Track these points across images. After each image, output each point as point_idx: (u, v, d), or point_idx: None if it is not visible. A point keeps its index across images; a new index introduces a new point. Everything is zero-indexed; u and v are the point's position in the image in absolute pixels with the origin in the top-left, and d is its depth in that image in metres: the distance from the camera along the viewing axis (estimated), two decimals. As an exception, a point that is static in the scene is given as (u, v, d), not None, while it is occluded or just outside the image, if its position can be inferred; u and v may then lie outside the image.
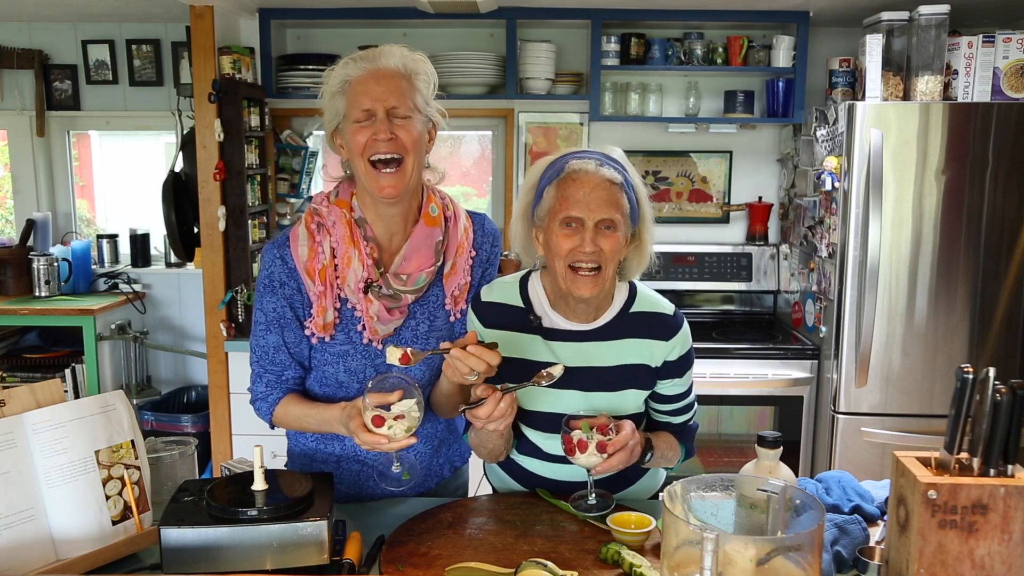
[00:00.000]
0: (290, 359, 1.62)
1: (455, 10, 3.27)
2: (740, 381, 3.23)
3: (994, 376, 1.19)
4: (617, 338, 1.59)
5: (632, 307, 1.62)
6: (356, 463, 1.73)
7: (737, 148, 3.78)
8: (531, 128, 3.73)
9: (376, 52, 1.49)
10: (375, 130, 1.46)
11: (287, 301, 1.58)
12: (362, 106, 1.46)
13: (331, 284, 1.54)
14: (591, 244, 1.47)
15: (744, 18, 3.45)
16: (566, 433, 1.51)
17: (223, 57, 3.23)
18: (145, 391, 3.88)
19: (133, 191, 4.20)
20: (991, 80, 3.05)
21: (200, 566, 1.37)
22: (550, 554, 1.46)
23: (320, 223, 1.56)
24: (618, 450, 1.48)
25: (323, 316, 1.55)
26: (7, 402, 1.43)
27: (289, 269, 1.56)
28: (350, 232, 1.53)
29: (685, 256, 3.69)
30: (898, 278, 3.04)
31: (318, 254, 1.54)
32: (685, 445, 1.72)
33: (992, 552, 1.17)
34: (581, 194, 1.47)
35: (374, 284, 1.53)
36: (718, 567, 1.05)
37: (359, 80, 1.47)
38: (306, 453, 1.76)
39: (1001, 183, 2.99)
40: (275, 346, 1.60)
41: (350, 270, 1.53)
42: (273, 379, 1.63)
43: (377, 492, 1.69)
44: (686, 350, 1.64)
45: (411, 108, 1.49)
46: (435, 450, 1.77)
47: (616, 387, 1.61)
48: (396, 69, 1.49)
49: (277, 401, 1.64)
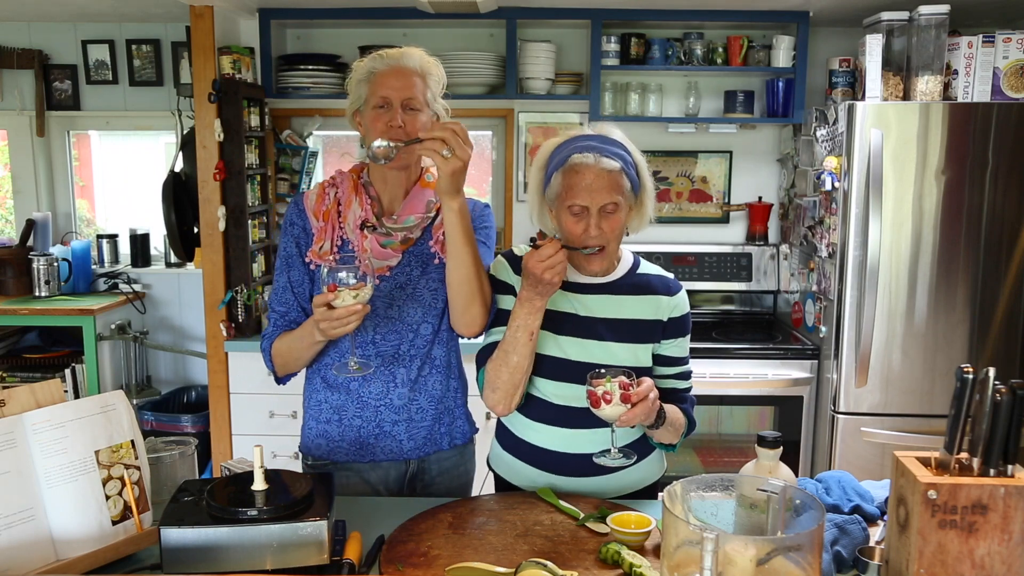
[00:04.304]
0: (294, 299, 1.80)
1: (455, 10, 3.27)
2: (740, 381, 3.23)
3: (994, 376, 1.19)
4: (629, 294, 1.78)
5: (639, 270, 1.83)
6: (358, 417, 1.81)
7: (737, 148, 3.78)
8: (531, 128, 3.74)
9: (400, 52, 1.75)
10: (390, 116, 1.71)
11: (294, 240, 1.80)
12: (381, 94, 1.71)
13: (333, 222, 1.78)
14: (596, 228, 1.66)
15: (744, 18, 3.45)
16: (590, 387, 1.59)
17: (223, 57, 3.23)
18: (145, 391, 3.88)
19: (133, 191, 4.20)
20: (991, 80, 3.05)
21: (200, 566, 1.37)
22: (550, 554, 1.46)
23: (332, 182, 1.83)
24: (641, 400, 1.57)
25: (320, 245, 1.77)
26: (7, 402, 1.43)
27: (300, 211, 1.81)
28: (354, 186, 1.81)
29: (685, 256, 3.69)
30: (898, 278, 3.04)
31: (324, 200, 1.80)
32: (688, 416, 1.82)
33: (992, 552, 1.17)
34: (584, 184, 1.65)
35: (368, 224, 1.77)
36: (718, 567, 1.05)
37: (382, 73, 1.72)
38: (311, 413, 1.86)
39: (1001, 183, 2.99)
40: (283, 286, 1.81)
41: (350, 211, 1.78)
42: (278, 318, 1.81)
43: (380, 453, 1.82)
44: (686, 311, 1.82)
45: (421, 103, 1.73)
46: (437, 416, 1.85)
47: (629, 339, 1.76)
48: (414, 68, 1.74)
49: (275, 337, 1.80)
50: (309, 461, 1.86)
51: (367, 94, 1.74)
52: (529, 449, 1.81)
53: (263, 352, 1.82)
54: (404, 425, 1.81)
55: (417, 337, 1.79)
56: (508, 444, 1.86)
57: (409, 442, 1.82)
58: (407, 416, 1.80)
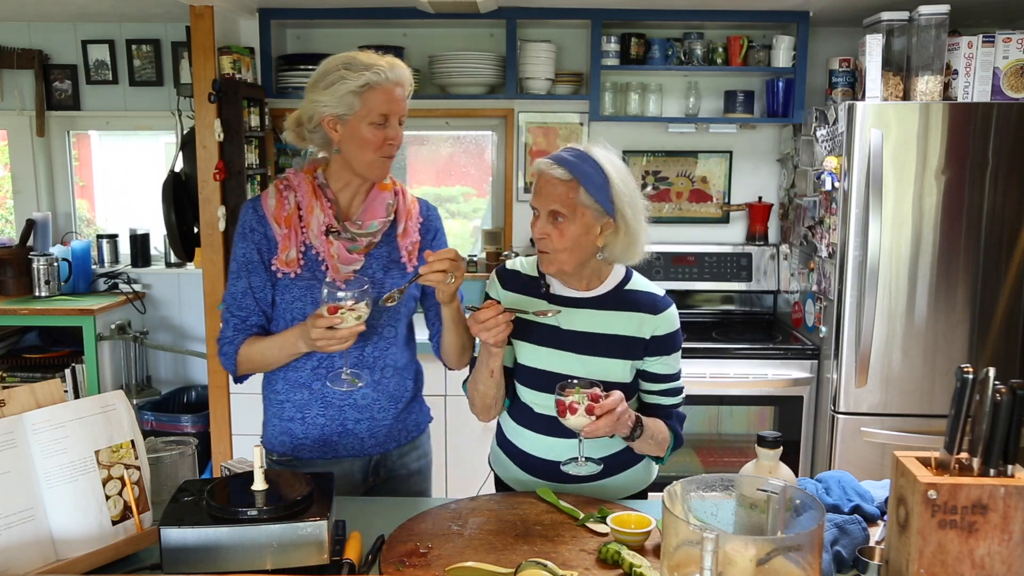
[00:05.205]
0: (255, 304, 1.82)
1: (455, 10, 3.27)
2: (740, 381, 3.23)
3: (994, 376, 1.19)
4: (612, 309, 1.79)
5: (627, 286, 1.83)
6: (321, 416, 1.83)
7: (737, 148, 3.78)
8: (531, 128, 3.73)
9: (393, 65, 1.75)
10: (388, 134, 1.75)
11: (255, 246, 1.80)
12: (382, 111, 1.73)
13: (295, 229, 1.79)
14: (540, 231, 1.72)
15: (744, 18, 3.45)
16: (559, 396, 1.62)
17: (223, 57, 3.23)
18: (145, 391, 3.88)
19: (133, 191, 4.20)
20: (991, 80, 3.05)
21: (200, 566, 1.37)
22: (550, 554, 1.46)
23: (287, 184, 1.83)
24: (605, 413, 1.59)
25: (286, 253, 1.78)
26: (7, 402, 1.43)
27: (259, 217, 1.81)
28: (312, 190, 1.81)
29: (685, 256, 3.69)
30: (898, 278, 3.04)
31: (284, 205, 1.80)
32: (674, 431, 1.83)
33: (992, 552, 1.17)
34: (538, 187, 1.73)
35: (333, 230, 1.79)
36: (718, 567, 1.05)
37: (382, 89, 1.73)
38: (274, 410, 1.88)
39: (1001, 183, 2.99)
40: (243, 291, 1.81)
41: (313, 217, 1.79)
42: (239, 323, 1.82)
43: (343, 450, 1.85)
44: (672, 330, 1.81)
45: (405, 116, 1.80)
46: (397, 414, 1.90)
47: (606, 354, 1.78)
48: (406, 82, 1.78)
49: (241, 343, 1.81)
50: (274, 457, 1.89)
51: (360, 107, 1.72)
52: (516, 451, 1.87)
53: (225, 356, 1.83)
54: (367, 424, 1.85)
55: (381, 340, 1.84)
56: (502, 444, 1.93)
57: (371, 439, 1.86)
58: (369, 415, 1.85)
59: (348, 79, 1.71)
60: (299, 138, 1.83)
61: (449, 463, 3.32)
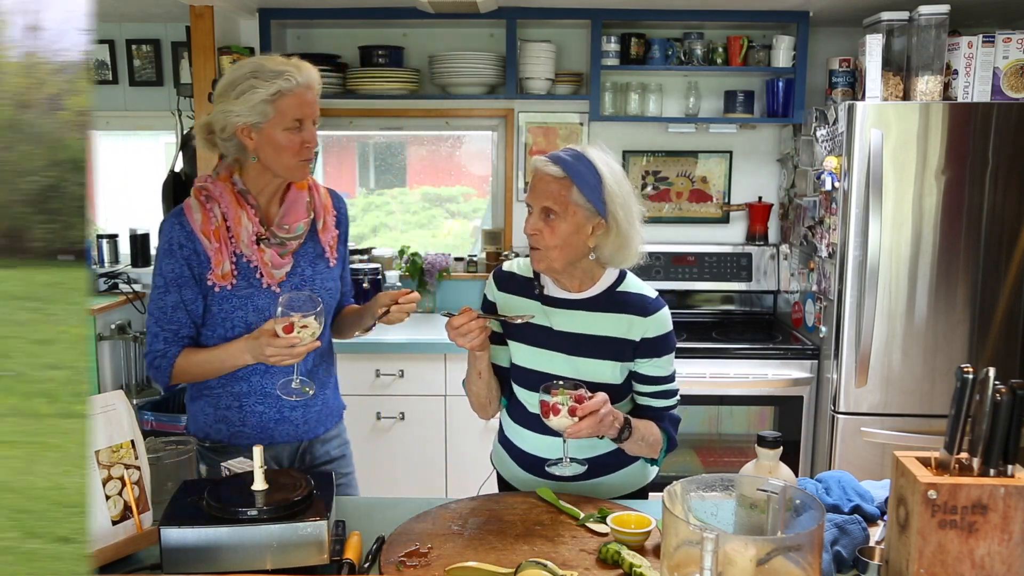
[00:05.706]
0: (187, 317, 1.83)
1: (455, 10, 3.27)
2: (740, 381, 3.22)
3: (994, 376, 1.19)
4: (602, 311, 1.80)
5: (619, 288, 1.83)
6: (260, 404, 1.89)
7: (737, 148, 3.78)
8: (531, 128, 3.73)
9: (301, 68, 1.77)
10: (305, 137, 1.78)
11: (186, 262, 1.80)
12: (296, 116, 1.75)
13: (225, 241, 1.80)
14: (532, 227, 1.73)
15: (744, 18, 3.45)
16: (543, 397, 1.64)
17: (223, 57, 3.23)
18: (145, 391, 3.88)
19: (133, 191, 4.20)
20: (991, 80, 3.04)
21: (200, 566, 1.37)
22: (550, 554, 1.46)
23: (208, 195, 1.83)
24: (588, 415, 1.60)
25: (220, 267, 1.80)
26: (7, 402, 1.43)
27: (187, 232, 1.80)
28: (235, 200, 1.82)
29: (685, 256, 3.69)
30: (898, 278, 3.04)
31: (211, 219, 1.81)
32: (667, 434, 1.83)
33: (992, 552, 1.17)
34: (532, 184, 1.75)
35: (263, 238, 1.82)
36: (718, 567, 1.05)
37: (294, 95, 1.74)
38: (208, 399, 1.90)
39: (1001, 183, 2.99)
40: (174, 305, 1.81)
41: (241, 228, 1.81)
42: (171, 336, 1.82)
43: (279, 436, 1.91)
44: (663, 332, 1.80)
45: (318, 117, 1.82)
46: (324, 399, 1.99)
47: (595, 355, 1.78)
48: (314, 85, 1.79)
49: (176, 355, 1.82)
50: (207, 444, 1.91)
51: (274, 114, 1.74)
52: (516, 449, 1.90)
53: (158, 370, 1.83)
54: (301, 410, 1.92)
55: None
56: (503, 442, 1.96)
57: (304, 425, 1.93)
58: (303, 402, 1.91)
59: (259, 88, 1.73)
60: (211, 145, 1.84)
61: (449, 463, 3.32)
